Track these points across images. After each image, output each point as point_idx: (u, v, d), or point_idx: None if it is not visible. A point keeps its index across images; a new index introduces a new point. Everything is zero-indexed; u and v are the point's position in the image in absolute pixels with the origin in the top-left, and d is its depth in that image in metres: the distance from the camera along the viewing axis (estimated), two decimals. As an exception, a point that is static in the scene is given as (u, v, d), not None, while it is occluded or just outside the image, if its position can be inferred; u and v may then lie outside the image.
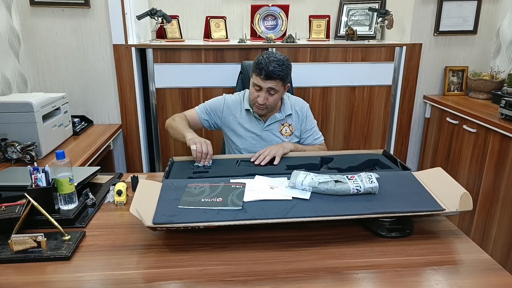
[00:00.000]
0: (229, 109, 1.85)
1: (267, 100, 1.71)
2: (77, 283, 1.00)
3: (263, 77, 1.67)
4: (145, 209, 1.15)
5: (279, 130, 1.84)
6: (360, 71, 2.66)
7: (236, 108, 1.85)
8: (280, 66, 1.66)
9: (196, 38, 3.00)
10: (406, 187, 1.31)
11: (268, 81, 1.67)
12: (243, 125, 1.84)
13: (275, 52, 1.75)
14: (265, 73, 1.65)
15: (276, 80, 1.67)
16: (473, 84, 2.68)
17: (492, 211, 2.17)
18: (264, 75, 1.66)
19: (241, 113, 1.84)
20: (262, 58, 1.68)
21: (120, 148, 2.67)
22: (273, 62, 1.65)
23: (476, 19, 2.69)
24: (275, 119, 1.83)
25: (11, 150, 1.81)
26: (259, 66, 1.67)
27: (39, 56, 2.45)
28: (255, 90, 1.72)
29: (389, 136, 2.83)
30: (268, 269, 1.04)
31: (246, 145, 1.83)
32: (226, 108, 1.85)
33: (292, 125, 1.86)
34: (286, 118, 1.85)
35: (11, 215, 1.16)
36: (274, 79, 1.67)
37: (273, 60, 1.66)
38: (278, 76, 1.67)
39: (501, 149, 2.09)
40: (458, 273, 1.03)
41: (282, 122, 1.85)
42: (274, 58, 1.67)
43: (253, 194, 1.26)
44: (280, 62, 1.67)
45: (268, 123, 1.83)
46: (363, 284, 0.99)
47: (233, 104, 1.86)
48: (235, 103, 1.86)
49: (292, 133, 1.86)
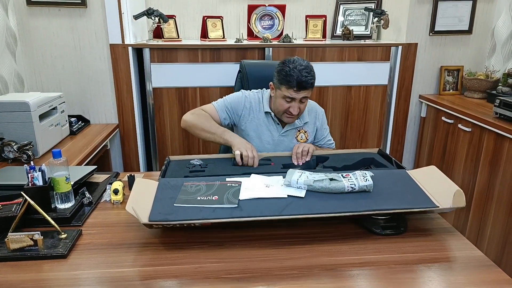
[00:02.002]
0: (249, 109, 1.78)
1: (300, 109, 1.67)
2: (73, 281, 1.00)
3: (296, 89, 1.60)
4: (141, 207, 1.16)
5: (295, 136, 1.80)
6: (356, 71, 2.67)
7: (255, 109, 1.78)
8: (309, 73, 1.60)
9: (193, 38, 3.01)
10: (400, 185, 1.32)
11: (302, 92, 1.61)
12: (261, 127, 1.78)
13: (298, 58, 1.65)
14: (298, 85, 1.59)
15: (309, 90, 1.63)
16: (468, 83, 2.69)
17: (486, 209, 2.18)
18: (298, 87, 1.59)
19: (259, 114, 1.78)
20: (290, 69, 1.59)
21: (117, 147, 2.67)
22: (303, 71, 1.58)
23: (471, 19, 2.71)
24: (293, 126, 1.79)
25: (8, 150, 1.81)
26: (289, 79, 1.59)
27: (36, 56, 2.45)
28: (286, 102, 1.65)
29: (385, 135, 2.85)
30: (263, 266, 1.05)
31: (261, 148, 1.77)
32: (246, 108, 1.78)
33: (308, 132, 1.82)
34: (304, 125, 1.81)
35: (7, 213, 1.16)
36: (307, 88, 1.62)
37: (302, 69, 1.59)
38: (311, 85, 1.63)
39: (496, 148, 2.11)
40: (452, 270, 1.04)
41: (298, 129, 1.81)
42: (301, 67, 1.59)
43: (249, 192, 1.27)
44: (309, 70, 1.61)
45: (286, 129, 1.78)
46: (358, 281, 1.00)
47: (253, 104, 1.79)
48: (255, 103, 1.79)
49: (307, 139, 1.82)
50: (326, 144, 1.90)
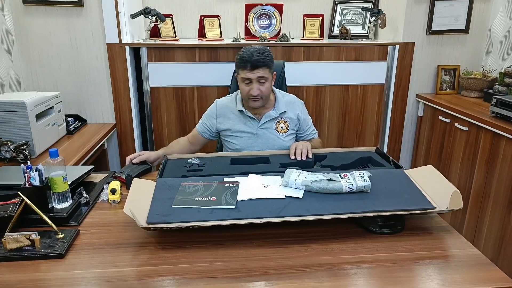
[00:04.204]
0: (221, 114, 1.88)
1: (260, 90, 1.74)
2: (71, 281, 1.00)
3: (249, 69, 1.70)
4: (139, 209, 1.15)
5: (275, 127, 1.86)
6: (353, 70, 2.67)
7: (228, 111, 1.87)
8: (262, 54, 1.71)
9: (190, 37, 3.00)
10: (398, 185, 1.32)
11: (256, 71, 1.71)
12: (238, 126, 1.85)
13: (253, 44, 1.77)
14: (251, 64, 1.69)
15: (262, 68, 1.71)
16: (465, 82, 2.70)
17: (483, 208, 2.19)
18: (250, 66, 1.70)
19: (234, 115, 1.86)
20: (243, 53, 1.73)
21: (114, 147, 2.67)
22: (255, 52, 1.70)
23: (468, 18, 2.71)
24: (269, 117, 1.85)
25: (5, 149, 1.81)
26: (242, 60, 1.71)
27: (32, 55, 2.44)
28: (246, 85, 1.75)
29: (383, 134, 2.85)
30: (261, 265, 1.05)
31: (243, 144, 1.85)
32: (219, 114, 1.88)
33: (287, 122, 1.87)
34: (281, 115, 1.86)
35: (4, 213, 1.16)
36: (260, 67, 1.71)
37: (254, 51, 1.71)
38: (264, 63, 1.71)
39: (492, 147, 2.11)
40: (449, 268, 1.05)
41: (277, 120, 1.86)
42: (254, 49, 1.72)
43: (247, 193, 1.27)
44: (261, 51, 1.72)
45: (263, 121, 1.84)
46: (355, 280, 1.00)
47: (225, 107, 1.88)
48: (227, 106, 1.88)
49: (288, 129, 1.87)
50: (311, 134, 1.97)
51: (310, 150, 1.67)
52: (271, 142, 1.84)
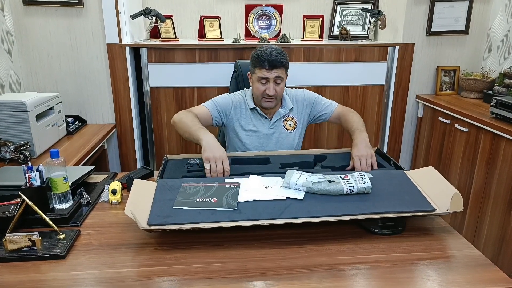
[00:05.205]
0: (236, 109, 1.84)
1: (275, 90, 1.72)
2: (72, 281, 1.00)
3: (268, 68, 1.68)
4: (140, 210, 1.15)
5: (283, 125, 1.85)
6: (353, 71, 2.67)
7: (241, 108, 1.84)
8: (280, 54, 1.70)
9: (190, 38, 3.01)
10: (398, 187, 1.32)
11: (274, 71, 1.69)
12: (249, 125, 1.82)
13: (269, 44, 1.73)
14: (269, 63, 1.67)
15: (280, 68, 1.70)
16: (465, 83, 2.71)
17: (483, 209, 2.20)
18: (269, 66, 1.68)
19: (246, 112, 1.83)
20: (261, 52, 1.70)
21: (114, 147, 2.66)
22: (274, 52, 1.68)
23: (467, 20, 2.72)
24: (279, 116, 1.83)
25: (5, 150, 1.80)
26: (261, 59, 1.69)
27: (32, 56, 2.44)
28: (262, 84, 1.72)
29: (383, 135, 2.86)
30: (262, 266, 1.05)
31: (254, 143, 1.82)
32: (234, 108, 1.83)
33: (295, 118, 1.86)
34: (289, 112, 1.85)
35: (5, 214, 1.15)
36: (278, 67, 1.69)
37: (272, 50, 1.69)
38: (282, 64, 1.70)
39: (492, 148, 2.12)
40: (450, 269, 1.05)
41: (285, 117, 1.85)
42: (272, 49, 1.70)
43: (248, 194, 1.27)
44: (279, 51, 1.71)
45: (274, 121, 1.83)
46: (356, 280, 1.01)
47: (238, 104, 1.84)
48: (240, 103, 1.85)
49: (296, 125, 1.86)
50: (331, 106, 1.87)
51: (375, 161, 1.54)
52: (281, 141, 1.83)
